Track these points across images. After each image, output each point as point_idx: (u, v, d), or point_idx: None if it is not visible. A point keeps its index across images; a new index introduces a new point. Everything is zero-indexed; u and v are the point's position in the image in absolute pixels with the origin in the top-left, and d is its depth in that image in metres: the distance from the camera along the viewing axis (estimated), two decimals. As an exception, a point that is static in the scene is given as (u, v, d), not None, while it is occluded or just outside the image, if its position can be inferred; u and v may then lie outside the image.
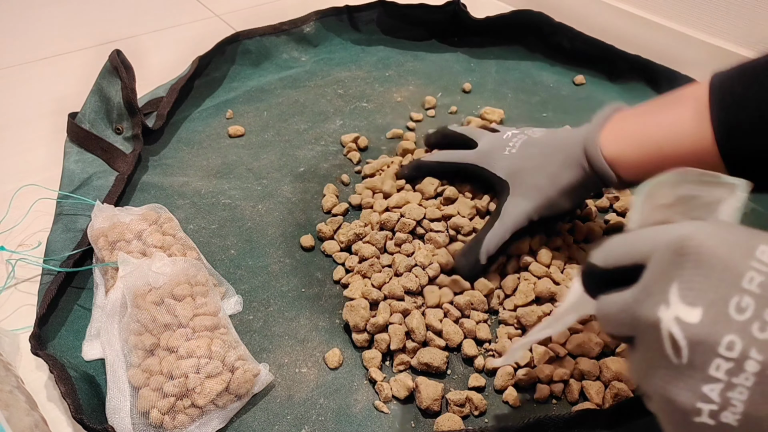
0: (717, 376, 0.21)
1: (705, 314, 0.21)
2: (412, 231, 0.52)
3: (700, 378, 0.21)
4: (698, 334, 0.21)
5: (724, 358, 0.21)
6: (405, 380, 0.41)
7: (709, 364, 0.21)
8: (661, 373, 0.23)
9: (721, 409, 0.21)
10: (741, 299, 0.21)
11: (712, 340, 0.21)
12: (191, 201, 0.57)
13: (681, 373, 0.22)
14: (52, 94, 0.76)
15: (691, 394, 0.22)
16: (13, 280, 0.51)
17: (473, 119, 0.66)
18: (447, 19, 0.82)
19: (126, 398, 0.39)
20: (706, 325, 0.21)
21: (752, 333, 0.20)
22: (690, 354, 0.21)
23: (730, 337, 0.21)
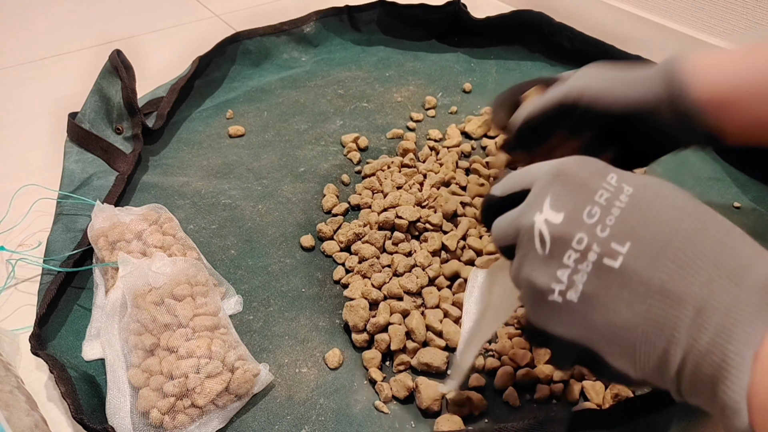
0: (567, 264, 0.27)
1: (565, 217, 0.27)
2: (408, 231, 0.52)
3: (555, 265, 0.27)
4: (559, 231, 0.27)
5: (574, 249, 0.27)
6: (405, 380, 0.41)
7: (564, 254, 0.27)
8: (529, 263, 0.29)
9: (567, 289, 0.27)
10: (592, 208, 0.27)
11: (568, 236, 0.27)
12: (191, 201, 0.57)
13: (543, 262, 0.28)
14: (52, 94, 0.76)
15: (548, 277, 0.28)
16: (13, 280, 0.51)
17: (473, 118, 0.66)
18: (447, 19, 0.82)
19: (126, 398, 0.39)
20: (565, 225, 0.27)
21: (596, 232, 0.27)
22: (551, 246, 0.28)
23: (580, 235, 0.27)
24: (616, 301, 0.26)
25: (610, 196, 0.27)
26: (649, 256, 0.25)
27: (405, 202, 0.53)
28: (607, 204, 0.27)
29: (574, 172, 0.29)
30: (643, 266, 0.25)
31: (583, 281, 0.27)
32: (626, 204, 0.27)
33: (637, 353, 0.26)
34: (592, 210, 0.27)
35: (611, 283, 0.26)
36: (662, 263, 0.25)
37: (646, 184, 0.28)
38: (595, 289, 0.26)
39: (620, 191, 0.27)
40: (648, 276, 0.25)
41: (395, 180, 0.57)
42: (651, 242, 0.26)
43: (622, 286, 0.26)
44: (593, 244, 0.26)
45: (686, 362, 0.25)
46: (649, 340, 0.25)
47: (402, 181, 0.57)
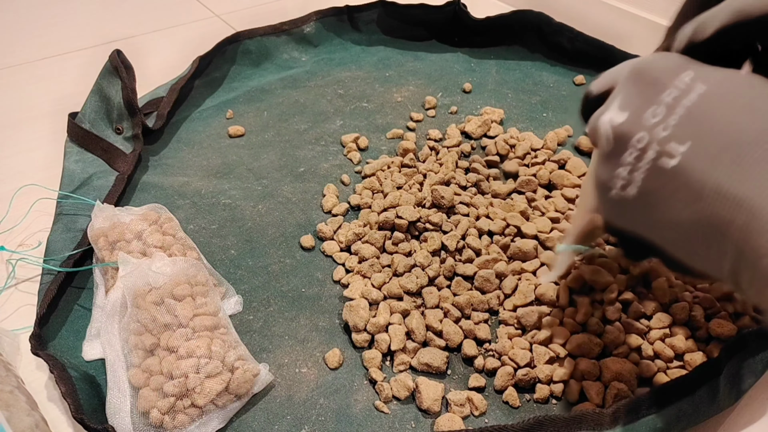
0: (628, 161, 0.28)
1: (628, 117, 0.28)
2: (408, 231, 0.52)
3: (617, 162, 0.29)
4: (621, 130, 0.28)
5: (635, 148, 0.28)
6: (405, 380, 0.41)
7: (624, 152, 0.28)
8: (598, 160, 0.30)
9: (627, 184, 0.28)
10: (657, 108, 0.27)
11: (629, 135, 0.28)
12: (191, 201, 0.57)
13: (607, 159, 0.29)
14: (52, 94, 0.76)
15: (609, 173, 0.29)
16: (14, 280, 0.51)
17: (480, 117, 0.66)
18: (447, 19, 0.82)
19: (126, 398, 0.39)
20: (627, 124, 0.28)
21: (656, 132, 0.27)
22: (615, 144, 0.29)
23: (641, 134, 0.28)
24: (673, 199, 0.26)
25: (678, 95, 0.27)
26: (708, 156, 0.25)
27: (405, 202, 0.53)
28: (673, 102, 0.27)
29: (648, 70, 0.28)
30: (700, 166, 0.25)
31: (641, 178, 0.28)
32: (694, 103, 0.26)
33: (694, 248, 0.27)
34: (657, 110, 0.27)
35: (668, 181, 0.26)
36: (721, 163, 0.25)
37: (722, 82, 0.27)
38: (653, 186, 0.27)
39: (691, 89, 0.27)
40: (704, 176, 0.25)
41: (395, 180, 0.57)
42: (711, 142, 0.25)
43: (678, 185, 0.26)
44: (653, 143, 0.27)
45: (741, 261, 0.25)
46: (705, 237, 0.26)
47: (402, 181, 0.57)
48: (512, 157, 0.61)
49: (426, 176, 0.58)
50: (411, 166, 0.60)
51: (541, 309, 0.45)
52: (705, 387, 0.36)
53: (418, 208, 0.53)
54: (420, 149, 0.63)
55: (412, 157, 0.60)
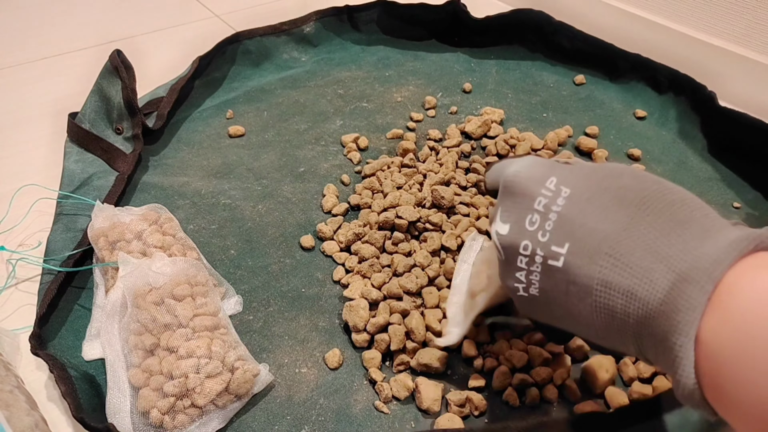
0: (521, 266, 0.31)
1: (510, 228, 0.31)
2: (408, 231, 0.52)
3: (512, 268, 0.32)
4: (507, 241, 0.31)
5: (523, 255, 0.31)
6: (405, 380, 0.41)
7: (516, 259, 0.31)
8: (499, 267, 0.33)
9: (528, 286, 0.31)
10: (532, 216, 0.30)
11: (515, 244, 0.31)
12: (191, 201, 0.57)
13: (504, 267, 0.32)
14: (52, 94, 0.76)
15: (510, 279, 0.32)
16: (14, 280, 0.51)
17: None
18: (447, 19, 0.82)
19: (126, 398, 0.39)
20: (511, 235, 0.31)
21: (537, 238, 0.30)
22: (505, 254, 0.32)
23: (525, 242, 0.30)
24: (568, 294, 0.29)
25: (547, 202, 0.30)
26: (587, 253, 0.28)
27: (405, 202, 0.53)
28: (545, 210, 0.30)
29: (518, 181, 0.31)
30: (583, 263, 0.28)
31: (538, 279, 0.30)
32: (563, 207, 0.29)
33: (600, 334, 0.29)
34: (533, 218, 0.30)
35: (560, 280, 0.29)
36: (600, 258, 0.27)
37: (585, 182, 0.29)
38: (548, 285, 0.30)
39: (558, 194, 0.30)
40: (589, 271, 0.27)
41: (395, 180, 0.57)
42: (587, 240, 0.28)
43: (569, 282, 0.29)
44: (537, 249, 0.30)
45: (643, 343, 0.27)
46: (606, 325, 0.28)
47: (402, 181, 0.57)
48: (513, 157, 0.61)
49: (426, 176, 0.58)
50: (411, 166, 0.60)
51: None
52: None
53: (418, 208, 0.53)
54: (420, 149, 0.63)
55: (412, 157, 0.60)
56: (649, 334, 0.26)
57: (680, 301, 0.24)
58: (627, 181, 0.29)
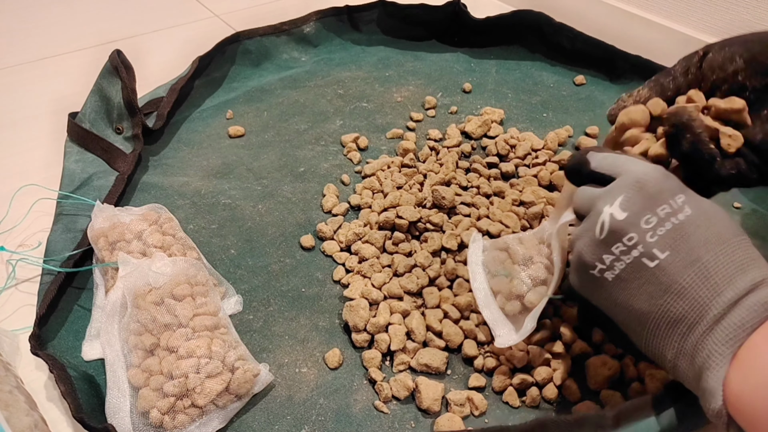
0: (614, 252, 0.34)
1: (627, 217, 0.33)
2: (409, 231, 0.52)
3: (605, 250, 0.34)
4: (618, 226, 0.33)
5: (624, 244, 0.33)
6: (405, 380, 0.41)
7: (614, 244, 0.33)
8: (587, 239, 0.35)
9: (607, 269, 0.34)
10: (651, 217, 0.33)
11: (623, 232, 0.33)
12: (191, 201, 0.57)
13: (596, 244, 0.34)
14: (52, 94, 0.76)
15: (595, 257, 0.34)
16: (14, 280, 0.51)
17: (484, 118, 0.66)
18: (447, 19, 0.82)
19: (126, 398, 0.39)
20: (624, 223, 0.33)
21: (646, 236, 0.33)
22: (607, 235, 0.34)
23: (632, 234, 0.33)
24: (641, 291, 0.33)
25: (670, 212, 0.33)
26: (681, 264, 0.31)
27: (405, 202, 0.53)
28: (665, 217, 0.33)
29: (652, 184, 0.34)
30: (673, 270, 0.32)
31: (621, 268, 0.33)
32: (680, 222, 0.32)
33: (644, 333, 0.33)
34: (651, 218, 0.33)
35: (642, 276, 0.32)
36: (688, 272, 0.31)
37: (705, 211, 0.33)
38: (628, 276, 0.33)
39: (680, 210, 0.33)
40: (674, 278, 0.31)
41: (395, 180, 0.57)
42: (686, 254, 0.32)
43: (649, 281, 0.32)
44: (640, 245, 0.33)
45: (681, 352, 0.32)
46: (656, 326, 0.32)
47: (402, 181, 0.57)
48: (512, 158, 0.61)
49: (426, 176, 0.58)
50: (411, 166, 0.60)
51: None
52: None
53: (418, 209, 0.53)
54: (420, 149, 0.63)
55: (412, 157, 0.60)
56: (690, 348, 0.31)
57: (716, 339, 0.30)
58: (731, 222, 0.33)
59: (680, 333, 0.31)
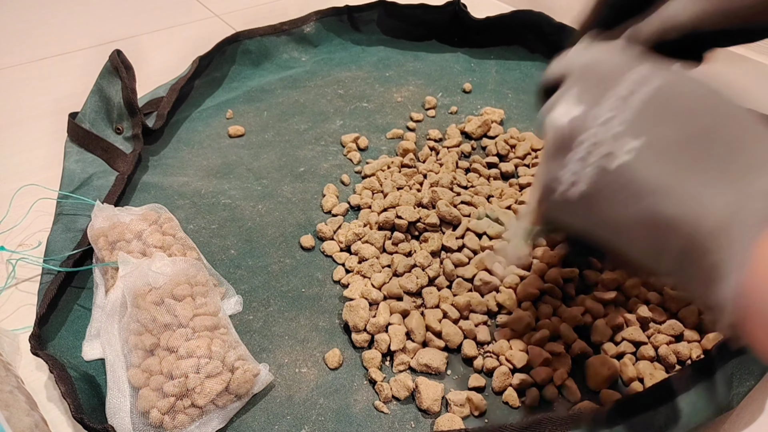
0: (575, 158, 0.27)
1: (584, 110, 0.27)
2: (408, 231, 0.52)
3: (562, 162, 0.28)
4: (570, 127, 0.28)
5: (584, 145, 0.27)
6: (405, 380, 0.41)
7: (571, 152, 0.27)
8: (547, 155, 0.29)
9: (574, 183, 0.28)
10: (613, 101, 0.27)
11: (575, 134, 0.27)
12: (191, 201, 0.57)
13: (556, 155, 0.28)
14: (52, 94, 0.76)
15: (553, 174, 0.28)
16: (14, 280, 0.51)
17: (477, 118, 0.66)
18: (447, 19, 0.82)
19: (126, 398, 0.39)
20: (577, 122, 0.27)
21: (609, 127, 0.26)
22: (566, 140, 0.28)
23: (594, 130, 0.27)
24: (619, 197, 0.26)
25: (632, 89, 0.27)
26: (653, 155, 0.25)
27: (405, 202, 0.53)
28: (627, 96, 0.26)
29: (603, 62, 0.28)
30: (644, 165, 0.25)
31: (589, 175, 0.27)
32: (648, 97, 0.26)
33: (632, 242, 0.27)
34: (611, 104, 0.27)
35: (613, 180, 0.26)
36: (668, 158, 0.25)
37: (676, 81, 0.27)
38: (599, 184, 0.27)
39: (646, 83, 0.27)
40: (647, 175, 0.25)
41: (395, 180, 0.57)
42: (658, 141, 0.25)
43: (622, 185, 0.26)
44: (603, 141, 0.27)
45: (684, 258, 0.25)
46: (645, 234, 0.26)
47: (402, 182, 0.57)
48: (512, 158, 0.61)
49: (426, 176, 0.58)
50: (411, 166, 0.60)
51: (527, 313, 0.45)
52: (701, 386, 0.36)
53: (418, 209, 0.53)
54: (420, 149, 0.63)
55: (412, 157, 0.60)
56: (695, 246, 0.24)
57: (744, 213, 0.23)
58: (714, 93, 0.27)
59: (674, 239, 0.25)
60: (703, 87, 0.27)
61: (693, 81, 0.27)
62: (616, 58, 0.28)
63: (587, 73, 0.29)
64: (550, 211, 0.30)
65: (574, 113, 0.28)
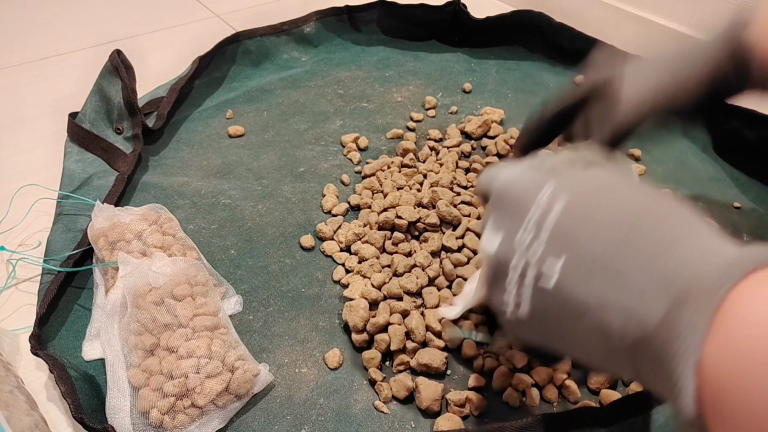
0: (511, 286, 0.28)
1: (501, 243, 0.29)
2: (408, 231, 0.52)
3: (500, 288, 0.29)
4: (497, 257, 0.29)
5: (513, 274, 0.28)
6: (405, 380, 0.41)
7: (505, 278, 0.29)
8: (487, 283, 0.31)
9: (517, 307, 0.28)
10: (524, 230, 0.28)
11: (505, 261, 0.28)
12: (191, 201, 0.57)
13: (493, 284, 0.30)
14: (52, 94, 0.76)
15: (498, 299, 0.30)
16: (14, 280, 0.51)
17: (473, 118, 0.66)
18: (447, 19, 0.82)
19: (126, 398, 0.39)
20: (501, 251, 0.29)
21: (529, 254, 0.27)
22: (495, 270, 0.29)
23: (515, 259, 0.28)
24: (562, 316, 0.27)
25: (540, 216, 0.28)
26: (583, 271, 0.26)
27: (405, 202, 0.53)
28: (540, 219, 0.28)
29: (510, 191, 0.30)
30: (578, 282, 0.26)
31: (528, 299, 0.28)
32: (556, 222, 0.27)
33: (591, 355, 0.27)
34: (525, 233, 0.28)
35: (553, 300, 0.27)
36: (596, 276, 0.25)
37: (578, 196, 0.27)
38: (540, 305, 0.28)
39: (550, 208, 0.27)
40: (585, 290, 0.26)
41: (395, 180, 0.57)
42: (582, 257, 0.26)
43: (563, 301, 0.26)
44: (528, 268, 0.27)
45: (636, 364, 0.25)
46: (600, 346, 0.26)
47: (402, 182, 0.57)
48: (512, 157, 0.61)
49: (426, 176, 0.58)
50: (411, 166, 0.60)
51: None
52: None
53: (418, 209, 0.53)
54: (420, 149, 0.63)
55: (412, 157, 0.60)
56: (647, 358, 0.24)
57: (680, 325, 0.22)
58: (621, 194, 0.27)
59: (623, 344, 0.25)
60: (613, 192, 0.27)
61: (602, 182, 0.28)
62: (525, 178, 0.30)
63: (502, 198, 0.30)
64: (508, 329, 0.31)
65: (492, 246, 0.29)
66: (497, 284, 0.29)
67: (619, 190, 0.28)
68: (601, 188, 0.28)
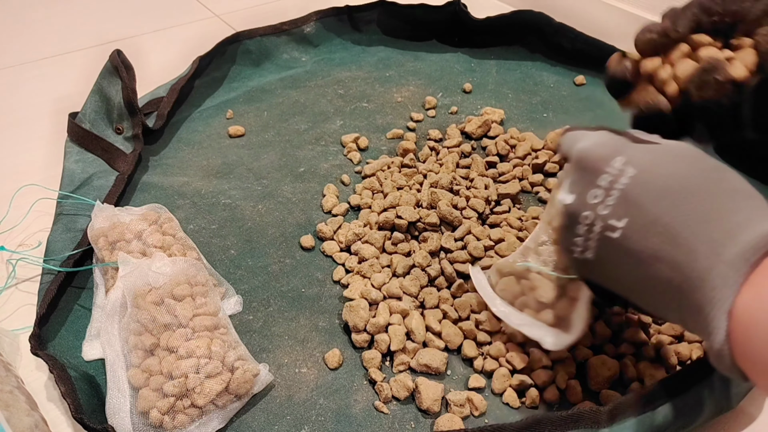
0: (580, 233, 0.35)
1: (575, 198, 0.35)
2: (408, 231, 0.52)
3: (572, 234, 0.35)
4: (571, 210, 0.35)
5: (583, 223, 0.34)
6: (405, 381, 0.41)
7: (576, 226, 0.35)
8: (561, 229, 0.37)
9: (584, 250, 0.35)
10: (596, 191, 0.33)
11: (577, 213, 0.34)
12: (191, 201, 0.57)
13: (564, 231, 0.36)
14: (52, 94, 0.76)
15: (569, 242, 0.36)
16: (14, 280, 0.51)
17: (474, 119, 0.66)
18: (447, 20, 0.82)
19: (126, 398, 0.39)
20: (575, 205, 0.35)
21: (598, 211, 0.33)
22: (568, 220, 0.35)
23: (586, 213, 0.34)
24: (621, 263, 0.33)
25: (611, 179, 0.33)
26: (642, 229, 0.31)
27: (405, 202, 0.53)
28: (609, 186, 0.33)
29: (589, 157, 0.35)
30: (636, 238, 0.31)
31: (594, 246, 0.34)
32: (626, 186, 0.32)
33: (646, 300, 0.33)
34: (596, 192, 0.33)
35: (614, 249, 0.33)
36: (652, 235, 0.31)
37: (649, 165, 0.32)
38: (603, 252, 0.33)
39: (621, 174, 0.32)
40: (642, 245, 0.31)
41: (395, 180, 0.57)
42: (643, 217, 0.31)
43: (623, 252, 0.32)
44: (596, 220, 0.33)
45: (684, 311, 0.30)
46: (652, 292, 0.32)
47: (402, 182, 0.57)
48: (512, 158, 0.61)
49: (426, 176, 0.58)
50: (411, 167, 0.60)
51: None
52: (701, 385, 0.36)
53: (418, 209, 0.53)
54: (420, 149, 0.63)
55: (412, 157, 0.60)
56: (689, 305, 0.29)
57: (718, 279, 0.28)
58: (684, 168, 0.32)
59: (671, 292, 0.30)
60: (678, 165, 0.32)
61: (671, 162, 0.32)
62: (599, 150, 0.34)
63: (576, 166, 0.35)
64: (575, 269, 0.37)
65: (568, 201, 0.35)
66: (569, 230, 0.35)
67: (683, 163, 0.32)
68: (671, 160, 0.32)
